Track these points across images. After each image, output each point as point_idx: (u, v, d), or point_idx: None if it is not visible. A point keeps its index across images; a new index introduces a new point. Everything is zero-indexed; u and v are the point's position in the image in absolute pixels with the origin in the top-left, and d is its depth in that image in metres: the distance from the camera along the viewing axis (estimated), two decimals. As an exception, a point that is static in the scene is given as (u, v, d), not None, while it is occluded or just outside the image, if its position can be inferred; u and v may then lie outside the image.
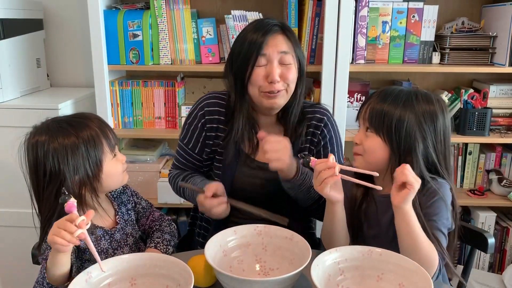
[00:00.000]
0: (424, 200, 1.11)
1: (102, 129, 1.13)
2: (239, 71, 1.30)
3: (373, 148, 1.14)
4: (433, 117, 1.12)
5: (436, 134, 1.12)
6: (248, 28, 1.32)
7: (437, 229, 1.09)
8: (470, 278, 1.48)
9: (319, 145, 1.40)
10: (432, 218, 1.10)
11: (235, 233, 1.14)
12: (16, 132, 2.04)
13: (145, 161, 2.14)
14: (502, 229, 2.23)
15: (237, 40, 1.33)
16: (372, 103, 1.15)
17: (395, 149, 1.12)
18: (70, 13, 2.31)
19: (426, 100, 1.13)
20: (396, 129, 1.10)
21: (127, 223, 1.25)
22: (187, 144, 1.44)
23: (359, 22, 2.00)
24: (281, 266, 1.11)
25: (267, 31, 1.28)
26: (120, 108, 2.13)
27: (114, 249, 1.19)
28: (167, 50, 2.06)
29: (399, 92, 1.15)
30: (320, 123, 1.39)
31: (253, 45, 1.27)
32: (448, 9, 2.20)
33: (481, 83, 2.22)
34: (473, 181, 2.25)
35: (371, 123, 1.14)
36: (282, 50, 1.28)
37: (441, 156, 1.14)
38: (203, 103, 1.42)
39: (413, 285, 0.97)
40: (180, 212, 2.25)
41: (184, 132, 1.44)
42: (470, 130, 2.07)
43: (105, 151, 1.13)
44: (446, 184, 1.13)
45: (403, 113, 1.11)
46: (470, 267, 1.39)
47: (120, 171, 1.18)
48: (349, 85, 1.97)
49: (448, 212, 1.12)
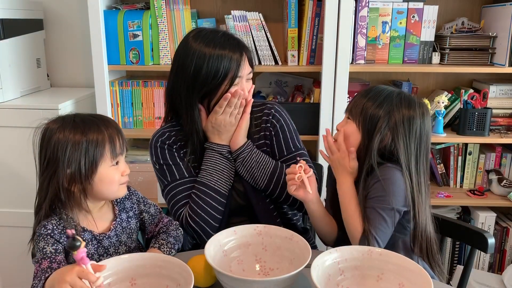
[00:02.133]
0: (369, 183, 1.22)
1: (111, 135, 1.12)
2: (209, 89, 1.31)
3: (349, 133, 1.25)
4: (410, 119, 1.21)
5: (410, 134, 1.21)
6: (212, 45, 1.29)
7: (372, 208, 1.19)
8: (470, 278, 1.48)
9: (272, 137, 1.42)
10: (370, 199, 1.20)
11: (235, 233, 1.14)
12: (16, 132, 2.05)
13: (145, 161, 2.14)
14: (502, 229, 2.23)
15: (199, 58, 1.29)
16: (356, 96, 1.29)
17: (364, 136, 1.23)
18: (70, 13, 2.31)
19: (407, 103, 1.22)
20: (370, 120, 1.22)
21: (124, 230, 1.21)
22: (179, 176, 1.38)
23: (359, 22, 2.00)
24: (281, 266, 1.11)
25: (241, 54, 1.31)
26: (120, 108, 2.13)
27: (100, 255, 1.16)
28: (167, 50, 2.07)
29: (382, 90, 1.25)
30: (269, 117, 1.42)
31: (230, 68, 1.29)
32: (448, 9, 2.20)
33: (481, 83, 2.22)
34: (473, 181, 2.25)
35: (351, 112, 1.26)
36: (249, 71, 1.35)
37: (410, 151, 1.21)
38: (154, 140, 1.42)
39: (413, 285, 0.97)
40: (180, 212, 2.25)
41: (167, 173, 1.39)
42: (470, 130, 2.07)
43: (105, 156, 1.11)
44: (396, 170, 1.20)
45: (379, 107, 1.21)
46: (470, 267, 1.39)
47: (116, 180, 1.14)
48: (349, 85, 1.97)
49: (393, 195, 1.18)
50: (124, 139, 1.17)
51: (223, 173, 1.36)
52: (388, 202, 1.18)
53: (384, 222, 1.18)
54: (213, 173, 1.35)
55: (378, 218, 1.18)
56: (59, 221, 1.11)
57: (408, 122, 1.21)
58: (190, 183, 1.37)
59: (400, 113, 1.21)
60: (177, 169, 1.38)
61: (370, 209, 1.19)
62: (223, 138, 1.37)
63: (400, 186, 1.19)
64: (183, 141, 1.40)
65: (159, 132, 1.43)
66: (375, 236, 1.16)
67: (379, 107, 1.22)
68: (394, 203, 1.18)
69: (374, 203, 1.19)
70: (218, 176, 1.35)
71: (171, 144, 1.40)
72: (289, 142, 1.42)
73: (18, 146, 1.93)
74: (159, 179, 1.42)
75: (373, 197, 1.20)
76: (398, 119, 1.20)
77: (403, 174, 1.20)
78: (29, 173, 1.86)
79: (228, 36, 1.34)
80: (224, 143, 1.37)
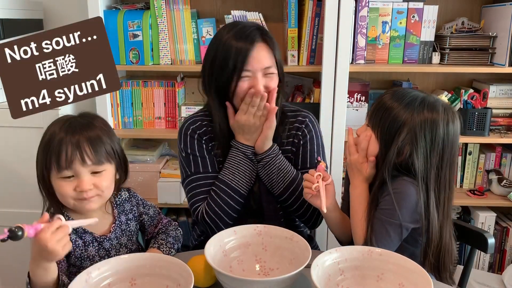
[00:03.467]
0: (380, 193, 1.18)
1: (77, 143, 1.05)
2: (222, 82, 1.29)
3: (367, 141, 1.20)
4: (432, 126, 1.13)
5: (433, 143, 1.14)
6: (228, 36, 1.28)
7: (379, 220, 1.16)
8: (470, 278, 1.48)
9: (299, 146, 1.40)
10: (379, 211, 1.17)
11: (235, 233, 1.14)
12: (16, 132, 2.05)
13: (145, 161, 2.14)
14: (502, 229, 2.23)
15: (216, 48, 1.30)
16: (376, 102, 1.21)
17: (382, 147, 1.18)
18: (70, 13, 2.31)
19: (431, 108, 1.14)
20: (387, 130, 1.16)
21: (123, 233, 1.21)
22: (203, 169, 1.36)
23: (359, 22, 2.00)
24: (281, 266, 1.11)
25: (249, 43, 1.26)
26: (120, 108, 2.13)
27: (101, 257, 1.16)
28: (167, 50, 2.06)
29: (406, 94, 1.18)
30: (302, 125, 1.40)
31: (236, 60, 1.26)
32: (448, 9, 2.20)
33: (481, 83, 2.22)
34: (473, 181, 2.25)
35: (370, 120, 1.21)
36: (266, 66, 1.29)
37: (430, 165, 1.14)
38: (185, 127, 1.40)
39: (413, 285, 0.97)
40: (180, 212, 2.25)
41: (191, 164, 1.37)
42: (470, 130, 2.07)
43: (52, 166, 1.06)
44: (409, 184, 1.15)
45: (400, 114, 1.15)
46: (470, 267, 1.39)
47: (67, 195, 1.07)
48: (349, 85, 1.97)
49: (402, 210, 1.13)
50: (97, 150, 1.07)
51: (244, 174, 1.34)
52: (396, 217, 1.13)
53: (388, 237, 1.14)
54: (235, 172, 1.34)
55: (383, 232, 1.15)
56: None
57: (430, 132, 1.13)
58: (212, 178, 1.36)
59: (420, 124, 1.13)
60: (203, 162, 1.37)
61: (377, 220, 1.16)
62: (248, 139, 1.34)
63: (411, 202, 1.14)
64: (213, 133, 1.38)
65: (191, 119, 1.42)
66: (375, 245, 1.14)
67: (397, 119, 1.14)
68: (402, 219, 1.13)
69: (381, 215, 1.16)
70: (239, 176, 1.34)
71: (201, 134, 1.38)
72: (314, 155, 1.40)
73: (18, 146, 1.92)
74: (182, 167, 1.40)
75: (382, 209, 1.16)
76: (419, 132, 1.13)
77: (418, 190, 1.14)
78: (29, 173, 1.85)
79: (250, 28, 1.30)
80: (250, 143, 1.35)
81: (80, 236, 1.14)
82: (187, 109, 2.12)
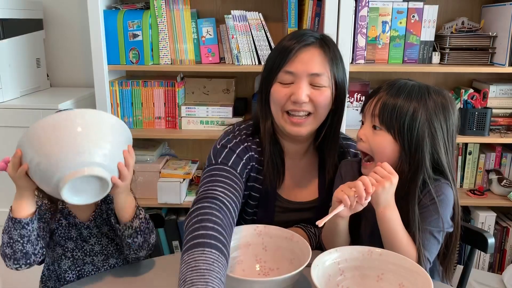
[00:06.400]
0: (423, 202, 1.08)
1: None
2: (263, 84, 1.16)
3: (383, 146, 1.07)
4: (445, 113, 1.06)
5: (448, 131, 1.07)
6: (284, 39, 1.15)
7: (428, 233, 1.07)
8: (470, 278, 1.48)
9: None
10: (425, 221, 1.07)
11: (235, 233, 1.14)
12: (16, 132, 2.05)
13: (145, 161, 2.14)
14: (502, 229, 2.23)
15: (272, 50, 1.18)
16: (383, 98, 1.07)
17: (405, 147, 1.05)
18: (70, 13, 2.31)
19: (439, 95, 1.07)
20: (409, 127, 1.04)
21: (104, 222, 1.22)
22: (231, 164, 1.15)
23: (359, 22, 2.00)
24: (281, 266, 1.11)
25: (299, 43, 1.10)
26: (120, 108, 2.13)
27: (82, 241, 1.20)
28: (167, 50, 2.06)
29: (412, 87, 1.07)
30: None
31: (279, 57, 1.11)
32: (448, 9, 2.20)
33: (481, 83, 2.22)
34: (473, 181, 2.25)
35: (382, 119, 1.06)
36: (313, 72, 1.11)
37: (449, 156, 1.09)
38: (248, 144, 1.19)
39: (413, 285, 0.97)
40: (180, 212, 2.25)
41: (227, 156, 1.17)
42: (470, 130, 2.07)
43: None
44: (449, 187, 1.08)
45: (416, 110, 1.04)
46: (470, 267, 1.39)
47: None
48: (349, 85, 1.96)
49: (447, 215, 1.09)
50: None
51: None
52: (441, 225, 1.06)
53: (437, 244, 1.08)
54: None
55: (435, 243, 1.08)
56: (48, 201, 1.17)
57: (445, 121, 1.05)
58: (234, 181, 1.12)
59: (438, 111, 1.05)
60: (238, 164, 1.16)
61: (424, 234, 1.06)
62: None
63: (451, 204, 1.08)
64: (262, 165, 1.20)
65: (246, 137, 1.20)
66: (428, 258, 1.07)
67: (416, 108, 1.03)
68: (445, 226, 1.07)
69: (428, 226, 1.06)
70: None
71: (251, 158, 1.20)
72: None
73: (18, 146, 1.92)
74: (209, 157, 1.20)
75: (428, 220, 1.06)
76: (436, 119, 1.04)
77: (452, 189, 1.07)
78: (29, 173, 1.85)
79: (310, 33, 1.15)
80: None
81: (65, 217, 1.19)
82: (187, 109, 2.12)
